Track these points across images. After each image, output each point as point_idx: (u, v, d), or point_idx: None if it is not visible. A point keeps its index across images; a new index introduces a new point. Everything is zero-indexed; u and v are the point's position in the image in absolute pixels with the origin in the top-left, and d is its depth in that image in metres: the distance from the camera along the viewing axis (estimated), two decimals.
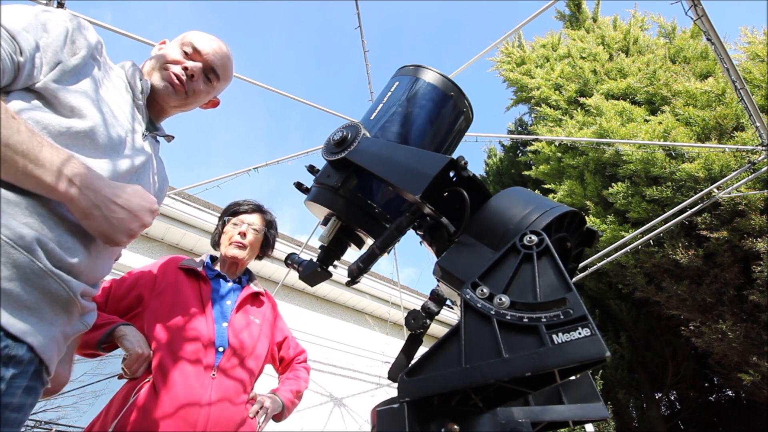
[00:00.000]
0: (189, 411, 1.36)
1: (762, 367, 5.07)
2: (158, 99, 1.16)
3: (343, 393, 5.63)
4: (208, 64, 1.19)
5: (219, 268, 1.79)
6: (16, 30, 0.80)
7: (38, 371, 0.80)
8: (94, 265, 0.90)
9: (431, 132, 1.03)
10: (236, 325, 1.61)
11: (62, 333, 0.85)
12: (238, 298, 1.69)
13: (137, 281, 1.60)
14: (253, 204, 1.89)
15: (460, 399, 0.67)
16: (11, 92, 0.82)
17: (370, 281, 6.17)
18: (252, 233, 1.80)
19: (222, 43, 1.23)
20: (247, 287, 1.77)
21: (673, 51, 6.99)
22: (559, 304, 0.60)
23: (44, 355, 0.79)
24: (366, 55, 3.98)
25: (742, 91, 3.37)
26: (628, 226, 6.04)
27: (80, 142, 0.86)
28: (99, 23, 3.01)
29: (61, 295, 0.81)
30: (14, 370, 0.74)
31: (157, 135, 1.19)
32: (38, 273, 0.76)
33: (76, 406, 4.08)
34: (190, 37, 1.19)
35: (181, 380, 1.40)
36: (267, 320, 1.78)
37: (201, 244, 5.02)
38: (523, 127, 10.11)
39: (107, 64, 1.03)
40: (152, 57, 1.19)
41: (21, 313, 0.74)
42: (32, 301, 0.76)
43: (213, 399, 1.43)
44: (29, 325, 0.76)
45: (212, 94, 1.26)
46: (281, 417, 1.71)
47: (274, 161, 4.58)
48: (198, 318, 1.53)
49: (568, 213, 0.77)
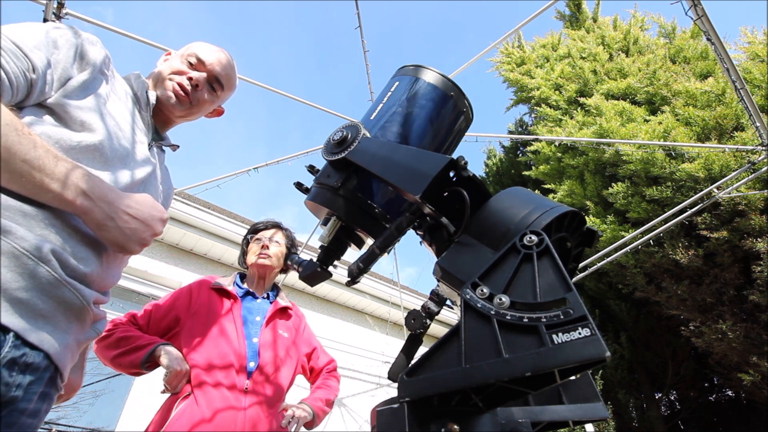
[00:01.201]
0: (227, 415, 1.48)
1: (762, 367, 5.07)
2: (164, 109, 1.18)
3: (343, 393, 5.63)
4: (212, 75, 1.21)
5: (248, 285, 1.90)
6: (28, 48, 0.83)
7: (53, 378, 0.83)
8: (106, 274, 0.93)
9: (431, 132, 1.03)
10: (266, 341, 1.71)
11: (75, 340, 0.87)
12: (267, 314, 1.80)
13: (174, 303, 1.72)
14: (272, 222, 2.04)
15: (460, 399, 0.67)
16: (24, 108, 0.85)
17: (370, 281, 6.16)
18: (274, 245, 1.92)
19: (226, 53, 1.26)
20: (275, 302, 1.87)
21: (673, 51, 6.99)
22: (559, 304, 0.60)
23: (59, 362, 0.82)
24: (366, 55, 3.98)
25: (742, 91, 3.37)
26: (628, 226, 6.04)
27: (90, 155, 0.89)
28: (99, 23, 3.01)
29: (75, 304, 0.83)
30: (31, 377, 0.77)
31: (163, 145, 1.22)
32: (53, 283, 0.78)
33: (76, 406, 4.08)
34: (194, 48, 1.22)
35: (217, 394, 1.51)
36: (295, 333, 1.88)
37: (201, 244, 5.02)
38: (523, 128, 10.11)
39: (114, 77, 1.06)
40: (157, 68, 1.22)
41: (37, 321, 0.77)
42: (47, 310, 0.78)
43: (247, 409, 1.54)
44: (45, 333, 0.78)
45: (217, 103, 1.29)
46: (312, 425, 1.79)
47: (274, 161, 4.58)
48: (230, 335, 1.64)
49: (568, 213, 0.77)
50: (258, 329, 1.73)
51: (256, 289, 1.89)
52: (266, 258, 1.87)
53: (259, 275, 1.90)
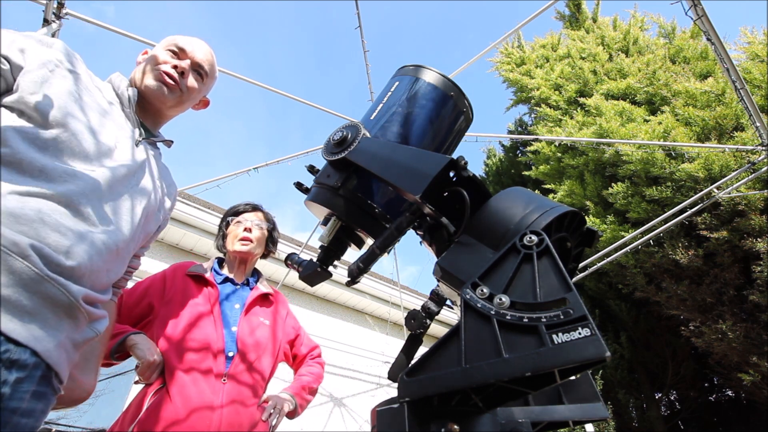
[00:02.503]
0: (202, 415, 1.40)
1: (762, 367, 5.07)
2: (154, 101, 1.18)
3: (343, 393, 5.63)
4: (195, 62, 1.23)
5: (227, 270, 1.81)
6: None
7: (46, 376, 0.81)
8: (98, 268, 0.90)
9: (431, 132, 1.03)
10: (245, 329, 1.62)
11: (69, 339, 0.86)
12: (246, 301, 1.71)
13: (147, 290, 1.63)
14: (252, 204, 1.92)
15: (460, 399, 0.67)
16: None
17: (370, 281, 6.16)
18: (257, 229, 1.82)
19: (204, 42, 1.29)
20: (255, 288, 1.78)
21: (672, 51, 6.99)
22: (559, 304, 0.60)
23: (50, 360, 0.81)
24: (366, 55, 3.99)
25: (742, 91, 3.37)
26: (628, 226, 6.04)
27: (66, 153, 0.89)
28: (99, 23, 3.01)
29: (62, 300, 0.82)
30: (18, 374, 0.75)
31: (156, 141, 1.21)
32: (35, 278, 0.77)
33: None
34: (173, 39, 1.24)
35: (192, 386, 1.43)
36: (277, 320, 1.79)
37: (201, 244, 5.02)
38: (523, 128, 10.11)
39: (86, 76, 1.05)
40: (138, 65, 1.23)
41: (22, 318, 0.76)
42: (32, 307, 0.77)
43: (225, 403, 1.45)
44: (31, 330, 0.77)
45: (203, 91, 1.30)
46: (294, 414, 1.72)
47: (274, 161, 4.59)
48: (207, 324, 1.56)
49: (568, 213, 0.77)
50: (237, 317, 1.64)
51: (236, 275, 1.78)
52: (249, 243, 1.78)
53: (240, 260, 1.80)
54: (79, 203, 0.86)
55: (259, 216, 1.88)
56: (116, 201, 0.97)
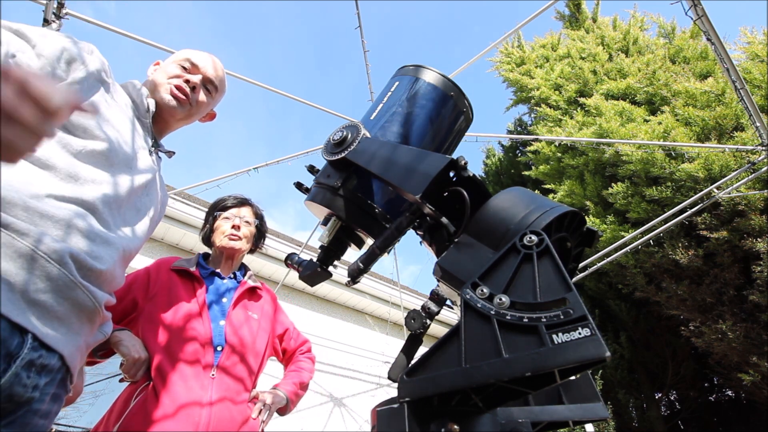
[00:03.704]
0: (190, 412, 1.36)
1: (762, 367, 5.07)
2: (164, 114, 1.20)
3: (343, 393, 5.63)
4: (206, 77, 1.26)
5: (213, 264, 1.77)
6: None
7: (64, 379, 0.85)
8: (118, 274, 0.95)
9: (431, 132, 1.03)
10: (233, 323, 1.59)
11: (85, 342, 0.89)
12: (234, 295, 1.67)
13: (131, 286, 1.58)
14: (240, 198, 1.88)
15: (460, 399, 0.67)
16: None
17: (370, 281, 6.16)
18: (245, 225, 1.80)
19: (215, 57, 1.32)
20: (244, 282, 1.75)
21: (672, 51, 6.99)
22: (559, 304, 0.60)
23: (71, 363, 0.84)
24: (366, 55, 3.99)
25: (742, 91, 3.37)
26: (628, 226, 6.04)
27: (95, 159, 0.91)
28: (99, 23, 3.01)
29: (88, 306, 0.84)
30: (46, 378, 0.78)
31: (160, 151, 1.23)
32: (69, 285, 0.80)
33: (75, 406, 4.08)
34: (185, 53, 1.27)
35: (180, 382, 1.40)
36: (266, 314, 1.76)
37: (201, 244, 5.01)
38: (522, 128, 10.11)
39: (114, 85, 1.07)
40: (150, 77, 1.25)
41: (53, 323, 0.78)
42: (63, 312, 0.80)
43: (214, 399, 1.42)
44: (60, 334, 0.79)
45: (211, 105, 1.33)
46: (286, 410, 1.70)
47: (274, 161, 4.58)
48: (194, 318, 1.53)
49: (568, 213, 0.77)
50: (225, 311, 1.61)
51: (222, 269, 1.75)
52: (237, 240, 1.75)
53: (227, 255, 1.76)
54: (104, 210, 0.89)
55: (248, 211, 1.85)
56: (133, 208, 1.01)
